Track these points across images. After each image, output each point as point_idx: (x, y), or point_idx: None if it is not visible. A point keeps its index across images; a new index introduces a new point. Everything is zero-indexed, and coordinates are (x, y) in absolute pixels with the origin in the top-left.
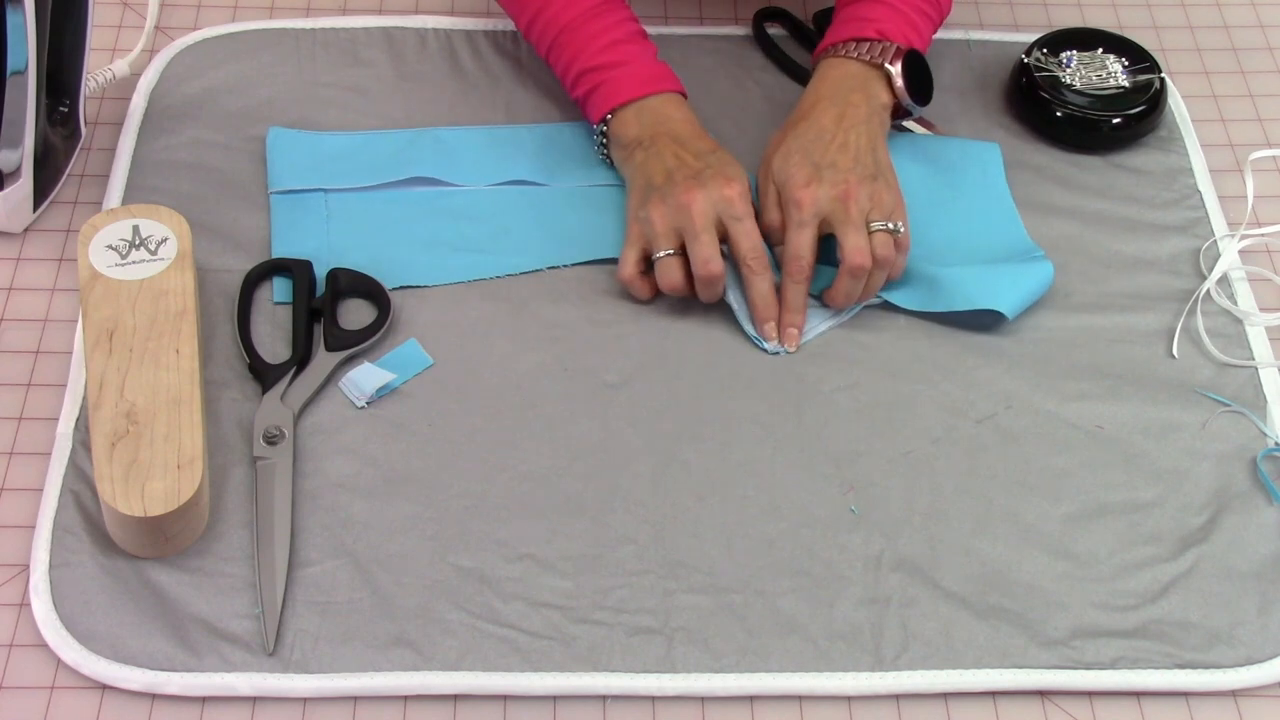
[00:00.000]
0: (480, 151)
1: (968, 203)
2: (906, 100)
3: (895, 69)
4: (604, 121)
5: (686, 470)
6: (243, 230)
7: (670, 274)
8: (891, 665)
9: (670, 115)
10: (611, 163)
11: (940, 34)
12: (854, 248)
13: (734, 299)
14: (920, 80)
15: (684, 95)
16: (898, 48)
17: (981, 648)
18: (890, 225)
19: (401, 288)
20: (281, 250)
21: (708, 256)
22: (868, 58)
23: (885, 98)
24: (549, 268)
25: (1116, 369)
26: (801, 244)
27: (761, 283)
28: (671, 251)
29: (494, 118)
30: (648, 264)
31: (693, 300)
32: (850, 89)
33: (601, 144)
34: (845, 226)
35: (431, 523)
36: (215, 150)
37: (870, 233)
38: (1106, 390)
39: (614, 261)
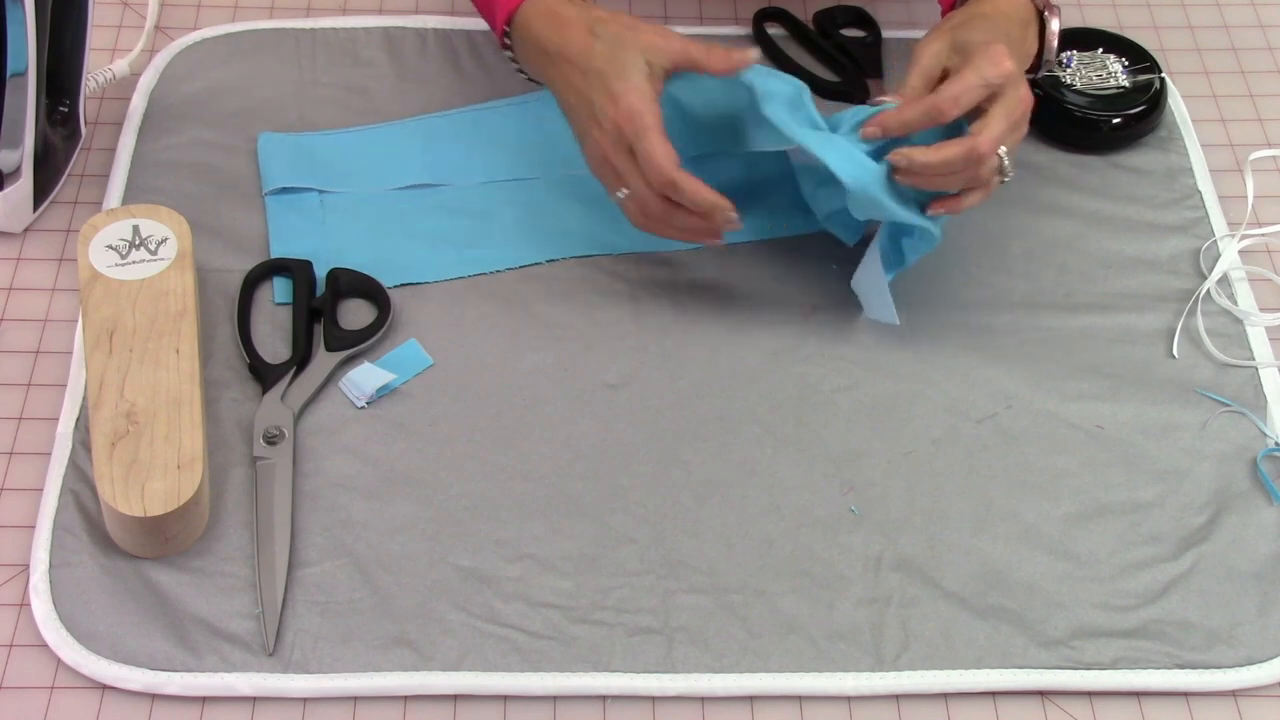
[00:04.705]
0: (472, 148)
1: None
2: (1049, 58)
3: (1055, 25)
4: (513, 60)
5: (686, 470)
6: (243, 230)
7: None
8: (891, 665)
9: (536, 32)
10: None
11: None
12: (993, 137)
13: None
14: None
15: None
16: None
17: (981, 648)
18: (1008, 172)
19: (401, 286)
20: (279, 251)
21: (642, 201)
22: None
23: (1031, 46)
24: (548, 261)
25: (1116, 369)
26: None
27: (676, 222)
28: (624, 192)
29: None
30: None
31: (692, 300)
32: (1020, 21)
33: (520, 71)
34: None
35: (431, 523)
36: (215, 150)
37: (998, 164)
38: (1106, 390)
39: (614, 257)
